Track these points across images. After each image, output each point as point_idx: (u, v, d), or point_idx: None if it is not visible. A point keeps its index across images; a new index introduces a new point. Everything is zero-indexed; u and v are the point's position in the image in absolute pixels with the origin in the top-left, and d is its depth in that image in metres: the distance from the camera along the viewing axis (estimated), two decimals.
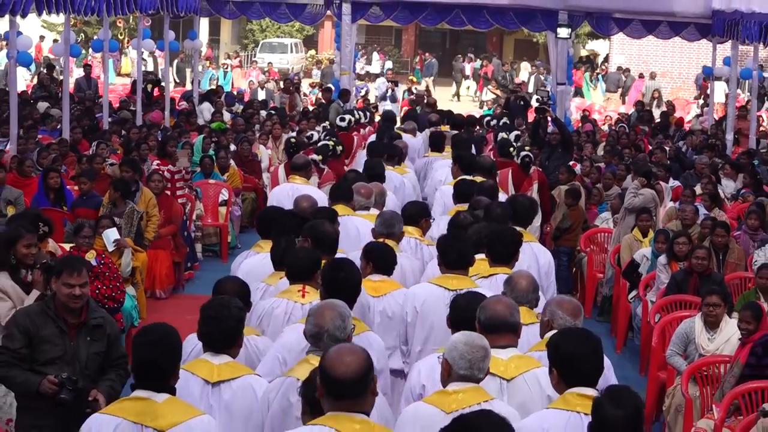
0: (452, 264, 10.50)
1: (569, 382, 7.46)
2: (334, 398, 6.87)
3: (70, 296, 8.80)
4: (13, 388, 9.06)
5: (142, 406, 7.31)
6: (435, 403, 7.78)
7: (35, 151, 21.69)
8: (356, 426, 6.81)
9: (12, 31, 22.60)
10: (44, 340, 8.77)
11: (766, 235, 17.60)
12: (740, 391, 11.79)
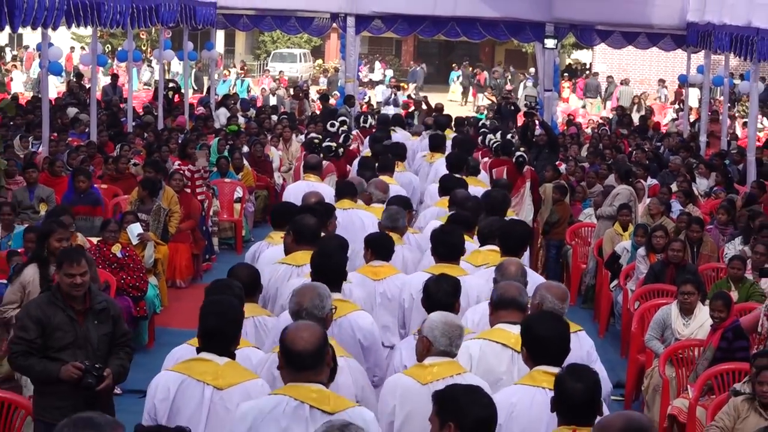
0: (443, 255, 10.65)
1: (537, 360, 7.62)
2: (295, 369, 7.07)
3: (72, 285, 8.83)
4: (32, 377, 9.07)
5: (206, 366, 7.63)
6: (413, 375, 7.99)
7: (65, 152, 21.69)
8: (313, 395, 6.99)
9: (44, 43, 22.59)
10: (56, 328, 8.78)
11: (735, 230, 17.63)
12: (713, 372, 11.80)
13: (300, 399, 7.01)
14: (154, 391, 7.73)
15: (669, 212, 18.57)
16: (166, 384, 7.68)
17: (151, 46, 50.37)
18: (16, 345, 8.93)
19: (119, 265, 14.91)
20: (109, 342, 8.99)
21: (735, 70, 32.56)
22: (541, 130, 25.27)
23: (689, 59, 32.52)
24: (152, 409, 7.67)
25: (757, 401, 10.28)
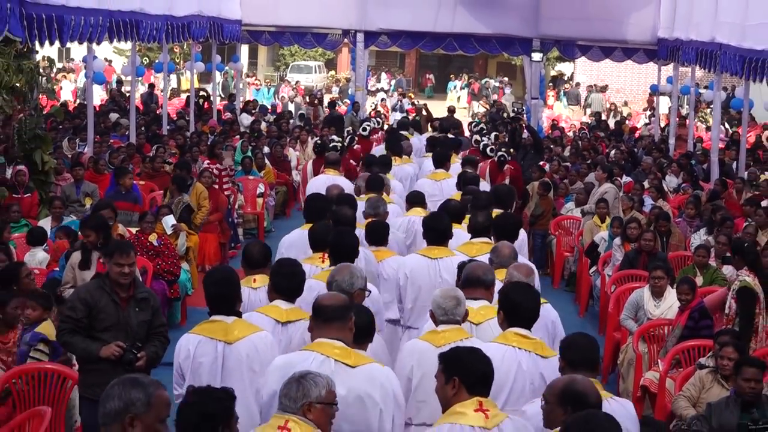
0: (434, 239, 10.72)
1: (511, 323, 7.86)
2: (323, 321, 7.32)
3: (120, 274, 8.85)
4: (75, 353, 9.09)
5: (217, 326, 7.98)
6: (428, 340, 8.15)
7: (107, 153, 21.68)
8: (336, 350, 7.19)
9: (89, 56, 22.61)
10: (101, 311, 8.81)
11: (701, 222, 17.62)
12: (680, 348, 11.80)
13: (326, 354, 7.19)
14: (178, 352, 8.08)
15: (642, 207, 18.57)
16: (186, 345, 8.03)
17: (183, 59, 50.34)
18: (64, 322, 8.95)
19: (155, 253, 14.95)
20: (147, 329, 9.01)
21: (700, 80, 32.49)
22: (527, 133, 25.32)
23: (660, 71, 32.50)
24: (178, 367, 8.05)
25: (719, 374, 10.27)
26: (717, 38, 22.70)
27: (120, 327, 8.84)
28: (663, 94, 34.87)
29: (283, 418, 6.35)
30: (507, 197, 13.93)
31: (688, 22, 26.22)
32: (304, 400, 6.35)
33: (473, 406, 6.62)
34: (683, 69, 29.55)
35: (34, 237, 14.45)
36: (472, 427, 6.51)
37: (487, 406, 6.63)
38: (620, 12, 30.09)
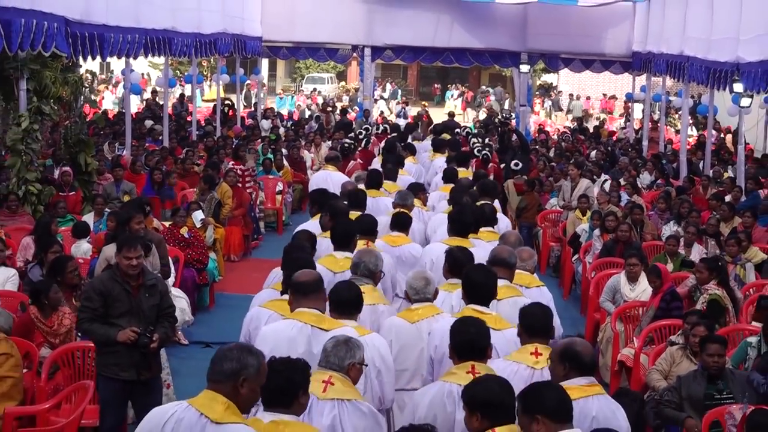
0: (457, 231, 10.75)
1: (470, 300, 7.98)
2: (301, 295, 7.58)
3: (129, 266, 8.81)
4: (94, 339, 9.03)
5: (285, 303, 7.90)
6: (404, 317, 8.28)
7: (143, 155, 21.69)
8: (313, 318, 7.46)
9: (126, 69, 22.66)
10: (115, 299, 8.78)
11: (671, 215, 17.61)
12: (653, 327, 11.78)
13: (303, 321, 7.45)
14: (249, 321, 8.16)
15: (619, 201, 18.56)
16: (258, 316, 8.07)
17: (211, 71, 50.33)
18: (83, 312, 8.93)
19: (186, 244, 14.96)
20: (156, 311, 8.98)
21: (670, 89, 32.48)
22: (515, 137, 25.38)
23: (634, 80, 32.51)
24: (247, 333, 8.05)
25: (688, 350, 10.26)
26: (685, 51, 22.71)
27: (133, 312, 8.82)
28: (637, 101, 34.80)
29: (327, 374, 6.58)
30: (492, 189, 14.26)
31: (659, 37, 26.21)
32: (350, 360, 6.63)
33: (466, 368, 6.73)
34: (655, 79, 29.54)
35: (78, 230, 14.45)
36: (459, 385, 6.51)
37: (479, 369, 6.70)
38: (599, 28, 30.06)
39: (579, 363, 6.43)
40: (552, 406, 5.56)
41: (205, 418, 5.40)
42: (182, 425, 5.45)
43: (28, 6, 13.77)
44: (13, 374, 9.31)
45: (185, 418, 5.47)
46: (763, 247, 15.37)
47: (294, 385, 5.93)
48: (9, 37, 13.24)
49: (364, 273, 8.74)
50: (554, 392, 5.67)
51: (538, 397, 5.62)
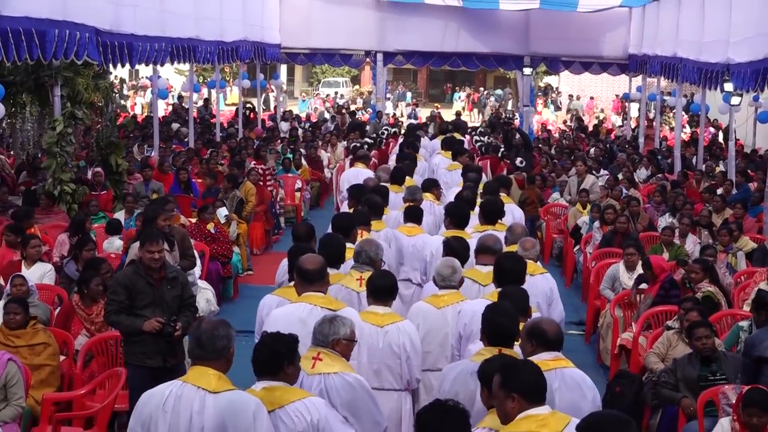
0: (455, 224, 10.96)
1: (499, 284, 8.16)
2: (308, 282, 7.71)
3: (151, 260, 8.83)
4: (121, 329, 9.06)
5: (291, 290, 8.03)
6: (430, 302, 8.43)
7: (170, 156, 21.74)
8: (320, 300, 7.60)
9: (154, 75, 22.70)
10: (139, 292, 8.80)
11: (666, 207, 17.59)
12: (651, 312, 11.77)
13: (312, 303, 7.57)
14: (261, 308, 8.20)
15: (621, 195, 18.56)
16: (269, 303, 8.13)
17: (233, 77, 50.36)
18: (109, 305, 8.95)
19: (212, 239, 14.99)
20: (179, 302, 9.01)
21: (664, 89, 32.41)
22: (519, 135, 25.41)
23: (630, 81, 32.39)
24: (260, 320, 8.08)
25: (683, 334, 10.24)
26: (678, 53, 22.67)
27: (157, 303, 8.85)
28: (633, 101, 34.76)
29: (316, 350, 6.71)
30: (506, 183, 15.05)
31: (653, 41, 26.16)
32: (334, 337, 6.71)
33: (493, 352, 6.65)
34: (650, 79, 29.47)
35: (112, 227, 14.49)
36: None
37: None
38: (597, 33, 29.98)
39: (545, 340, 6.48)
40: (527, 387, 5.58)
41: (203, 390, 5.62)
42: (183, 400, 5.64)
43: (61, 17, 13.85)
44: (51, 362, 9.38)
45: (183, 393, 5.66)
46: (753, 237, 15.40)
47: (279, 356, 6.07)
48: (44, 47, 13.30)
49: (365, 261, 8.84)
50: (532, 375, 5.65)
51: (517, 377, 5.63)
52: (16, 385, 8.55)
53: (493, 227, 11.08)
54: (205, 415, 5.60)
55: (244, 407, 5.63)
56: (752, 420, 7.71)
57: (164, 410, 5.64)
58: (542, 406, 5.59)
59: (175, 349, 8.96)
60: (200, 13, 21.46)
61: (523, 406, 5.55)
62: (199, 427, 5.60)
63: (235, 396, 5.67)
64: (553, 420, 5.54)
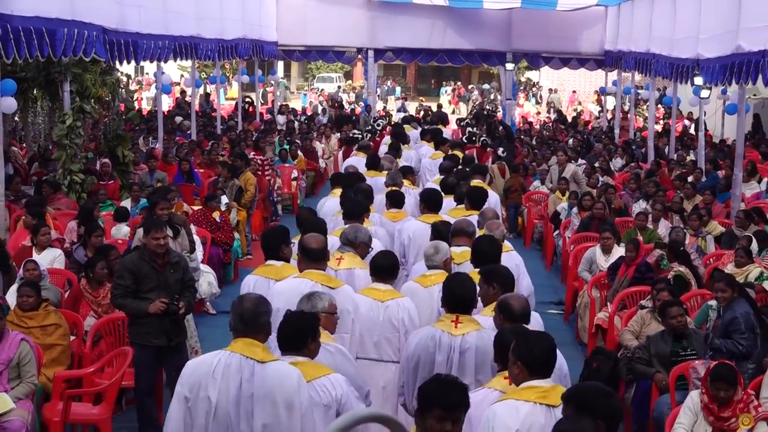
0: (429, 209, 11.09)
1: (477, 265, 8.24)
2: (311, 260, 7.81)
3: (157, 246, 8.81)
4: (127, 312, 9.04)
5: (270, 269, 8.27)
6: (418, 282, 8.47)
7: (174, 148, 21.68)
8: (321, 277, 7.70)
9: (158, 72, 22.64)
10: (144, 276, 8.78)
11: (640, 194, 17.61)
12: (625, 293, 11.80)
13: (314, 280, 7.62)
14: (243, 287, 8.14)
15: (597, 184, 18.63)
16: (248, 282, 8.20)
17: (232, 72, 50.25)
18: (116, 289, 8.94)
19: (216, 227, 14.98)
20: (180, 284, 9.00)
21: (638, 83, 32.37)
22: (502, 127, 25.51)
23: (607, 76, 32.37)
24: None
25: (656, 312, 10.27)
26: (651, 49, 22.68)
27: (161, 287, 8.83)
28: (609, 94, 34.76)
29: None
30: (483, 171, 15.04)
31: (628, 37, 26.17)
32: (313, 311, 6.70)
33: (451, 318, 6.96)
34: (625, 74, 29.49)
35: (119, 215, 14.48)
36: (443, 331, 6.89)
37: (462, 319, 6.93)
38: (575, 30, 29.98)
39: (511, 314, 6.57)
40: (531, 359, 5.61)
41: (252, 360, 5.74)
42: (232, 368, 5.74)
43: (69, 17, 13.81)
44: (62, 342, 9.38)
45: (232, 362, 5.76)
46: (721, 221, 15.43)
47: (303, 333, 6.17)
48: (53, 45, 13.26)
49: (344, 242, 8.94)
50: (539, 349, 5.66)
51: (525, 347, 5.65)
52: (29, 363, 8.57)
53: (435, 215, 11.05)
54: (254, 383, 5.71)
55: (288, 376, 5.78)
56: (719, 393, 7.76)
57: (214, 377, 5.73)
58: (545, 379, 5.62)
59: (179, 328, 8.97)
60: (201, 12, 21.43)
61: (526, 377, 5.60)
62: (249, 393, 5.71)
63: (280, 366, 5.82)
64: (553, 393, 5.55)
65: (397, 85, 63.33)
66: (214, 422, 5.72)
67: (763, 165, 22.08)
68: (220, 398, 5.71)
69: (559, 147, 23.78)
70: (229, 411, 5.71)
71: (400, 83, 65.89)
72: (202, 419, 5.73)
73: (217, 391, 5.71)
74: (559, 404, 5.40)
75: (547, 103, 53.17)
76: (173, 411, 5.80)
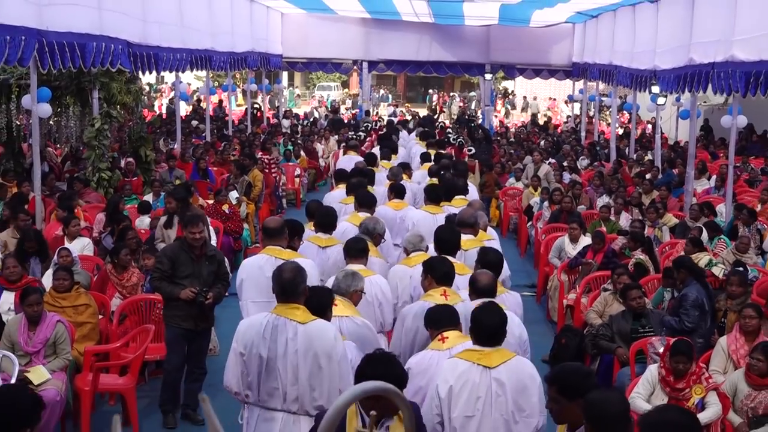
0: (431, 200, 11.06)
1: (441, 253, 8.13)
2: (269, 237, 8.20)
3: (193, 239, 8.71)
4: (161, 293, 8.97)
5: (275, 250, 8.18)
6: (404, 263, 8.50)
7: (191, 148, 21.67)
8: (277, 251, 8.06)
9: (176, 81, 22.60)
10: (181, 264, 8.69)
11: (604, 189, 17.64)
12: (591, 277, 11.83)
13: (273, 255, 8.01)
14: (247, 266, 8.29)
15: (561, 179, 18.66)
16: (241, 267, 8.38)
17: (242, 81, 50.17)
18: (155, 272, 8.88)
19: (226, 217, 14.95)
20: (214, 276, 8.85)
21: (602, 91, 32.40)
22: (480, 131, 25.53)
23: (574, 85, 32.39)
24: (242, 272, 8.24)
25: (618, 294, 10.29)
26: (613, 62, 22.69)
27: (195, 276, 8.72)
28: (576, 101, 34.78)
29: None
30: (465, 169, 14.95)
31: (593, 51, 26.18)
32: (354, 288, 7.05)
33: (439, 292, 7.05)
34: (590, 83, 29.47)
35: (143, 208, 14.49)
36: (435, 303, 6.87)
37: (449, 293, 7.05)
38: (546, 44, 29.98)
39: (476, 288, 6.85)
40: (477, 329, 5.85)
41: (294, 322, 5.93)
42: (279, 329, 5.93)
43: (98, 32, 13.84)
44: (91, 320, 9.39)
45: (278, 324, 5.95)
46: (675, 214, 15.49)
47: (324, 303, 6.33)
48: (84, 57, 13.28)
49: (364, 231, 9.01)
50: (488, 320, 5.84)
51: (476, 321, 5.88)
52: (64, 341, 8.60)
53: (450, 203, 11.23)
54: (298, 341, 5.88)
55: (326, 332, 5.95)
56: (678, 366, 7.77)
57: (264, 337, 5.92)
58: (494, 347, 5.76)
59: (206, 315, 8.86)
60: (215, 28, 21.43)
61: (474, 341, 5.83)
62: (294, 350, 5.87)
63: (319, 323, 5.98)
64: (494, 355, 5.68)
65: (389, 93, 63.25)
66: (266, 374, 5.94)
67: (712, 164, 22.12)
68: (270, 355, 5.91)
69: (534, 148, 23.81)
70: (278, 365, 5.91)
71: (391, 91, 65.80)
72: (255, 371, 5.96)
73: (267, 349, 5.91)
74: (495, 366, 5.58)
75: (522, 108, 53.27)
76: (231, 364, 6.07)
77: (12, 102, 16.16)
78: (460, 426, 5.56)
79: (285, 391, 5.90)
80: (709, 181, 19.56)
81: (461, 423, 5.56)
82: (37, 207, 13.41)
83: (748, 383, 7.84)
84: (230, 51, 23.01)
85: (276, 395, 5.93)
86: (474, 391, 5.56)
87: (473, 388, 5.57)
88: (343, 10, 28.33)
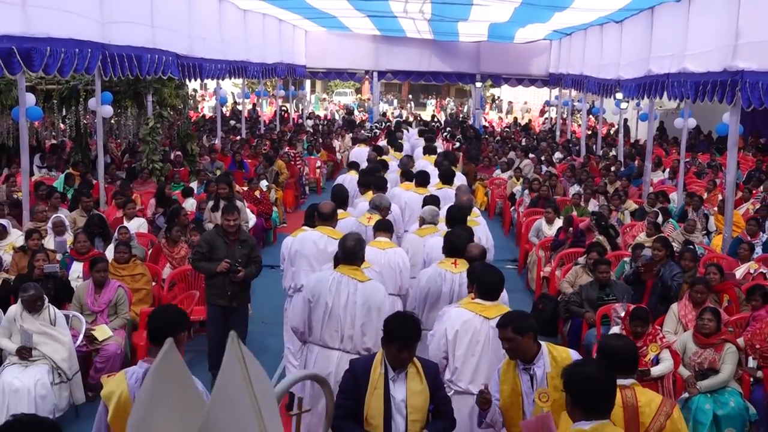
0: (419, 184, 11.27)
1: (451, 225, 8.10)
2: (322, 220, 8.03)
3: (228, 225, 8.48)
4: (200, 272, 8.76)
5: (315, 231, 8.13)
6: (417, 233, 8.66)
7: (229, 143, 21.65)
8: (328, 231, 7.92)
9: (217, 87, 22.55)
10: (217, 248, 8.46)
11: (575, 180, 17.59)
12: (564, 253, 11.79)
13: (326, 234, 7.91)
14: (283, 246, 8.30)
15: (542, 171, 18.56)
16: (286, 242, 8.29)
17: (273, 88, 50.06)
18: (195, 254, 8.67)
19: (257, 201, 14.95)
20: (247, 259, 8.54)
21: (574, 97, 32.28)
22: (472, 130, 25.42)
23: (551, 92, 32.29)
24: (286, 253, 8.16)
25: (587, 267, 10.27)
26: (584, 72, 22.58)
27: (228, 257, 8.45)
28: (553, 106, 34.66)
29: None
30: (455, 158, 15.50)
31: (567, 63, 26.04)
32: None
33: (451, 261, 7.05)
34: (564, 91, 29.34)
35: (186, 192, 14.48)
36: (446, 270, 6.99)
37: (458, 262, 6.98)
38: (527, 57, 29.86)
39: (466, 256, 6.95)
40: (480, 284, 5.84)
41: (355, 280, 6.20)
42: (342, 285, 6.17)
43: (152, 46, 13.84)
44: (146, 287, 9.41)
45: (342, 281, 6.20)
46: (635, 200, 15.46)
47: (358, 255, 6.42)
48: (140, 67, 13.28)
49: (373, 206, 9.19)
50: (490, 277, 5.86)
51: (478, 275, 5.93)
52: (123, 304, 8.65)
53: (446, 186, 11.32)
54: (357, 296, 6.14)
55: (379, 290, 6.22)
56: (637, 329, 7.75)
57: (330, 290, 6.16)
58: (491, 301, 5.79)
59: (242, 294, 8.58)
60: (249, 42, 21.39)
61: (477, 296, 5.86)
62: (353, 302, 6.12)
63: (373, 283, 6.25)
64: (492, 309, 5.70)
65: (395, 98, 63.07)
66: (328, 320, 6.16)
67: (666, 159, 22.03)
68: (334, 304, 6.14)
69: (517, 145, 23.72)
70: (339, 313, 6.14)
71: (396, 97, 65.66)
72: (320, 317, 6.18)
73: (332, 299, 6.14)
74: (492, 317, 5.60)
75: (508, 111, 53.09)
76: (298, 308, 6.35)
77: (80, 104, 16.17)
78: (462, 363, 5.69)
79: (343, 333, 6.14)
80: (663, 173, 19.50)
81: (463, 360, 5.69)
82: (100, 192, 13.56)
83: (696, 342, 7.84)
84: (262, 62, 22.95)
85: (335, 337, 6.17)
86: (475, 335, 5.67)
87: (474, 334, 5.68)
88: (357, 28, 28.24)
